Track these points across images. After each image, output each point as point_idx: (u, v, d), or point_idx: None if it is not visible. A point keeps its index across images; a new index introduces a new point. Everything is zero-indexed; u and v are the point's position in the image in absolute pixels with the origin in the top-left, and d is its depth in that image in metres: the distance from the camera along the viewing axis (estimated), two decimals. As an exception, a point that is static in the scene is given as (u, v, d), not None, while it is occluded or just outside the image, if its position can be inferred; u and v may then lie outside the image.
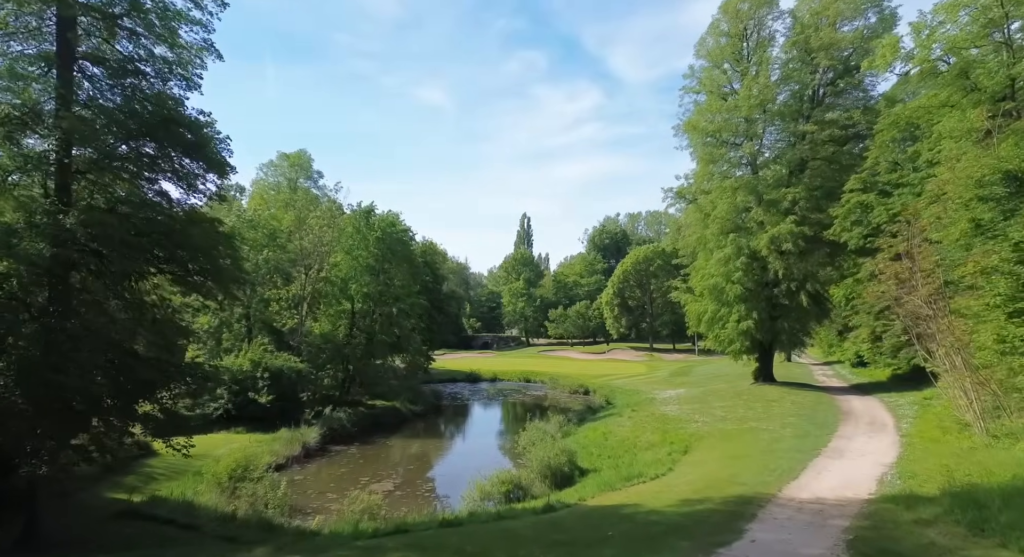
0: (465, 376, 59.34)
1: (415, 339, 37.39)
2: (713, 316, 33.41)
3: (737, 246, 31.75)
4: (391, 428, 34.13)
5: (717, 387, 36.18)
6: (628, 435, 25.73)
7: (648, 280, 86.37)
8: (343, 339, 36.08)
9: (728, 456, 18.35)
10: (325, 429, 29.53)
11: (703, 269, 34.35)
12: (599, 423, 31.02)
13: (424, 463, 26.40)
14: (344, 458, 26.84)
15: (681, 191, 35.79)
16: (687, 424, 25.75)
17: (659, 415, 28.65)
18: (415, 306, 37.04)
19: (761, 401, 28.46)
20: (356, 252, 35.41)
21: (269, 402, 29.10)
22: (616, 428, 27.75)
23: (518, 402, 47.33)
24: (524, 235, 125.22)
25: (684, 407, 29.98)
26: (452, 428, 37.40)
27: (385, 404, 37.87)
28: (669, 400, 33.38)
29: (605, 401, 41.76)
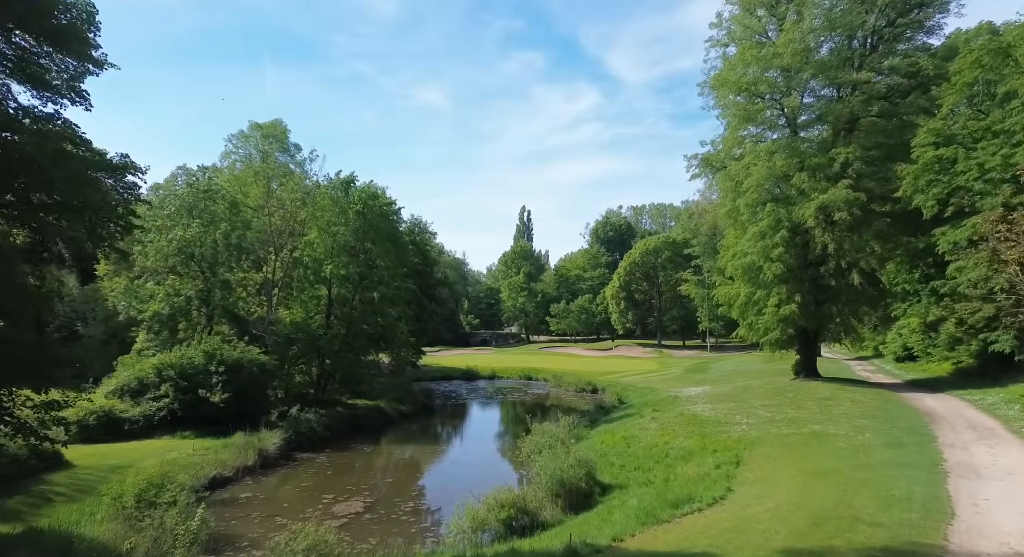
0: (461, 374, 54.63)
1: (401, 329, 32.66)
2: (748, 301, 28.70)
3: (776, 218, 27.05)
4: (372, 432, 29.42)
5: (751, 383, 31.48)
6: (656, 440, 21.04)
7: (656, 273, 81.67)
8: (318, 329, 31.36)
9: (807, 472, 13.65)
10: (290, 433, 24.82)
11: (734, 246, 29.65)
12: (616, 425, 26.34)
13: (407, 475, 21.68)
14: (310, 468, 22.12)
15: (708, 158, 31.04)
16: (728, 427, 21.06)
17: (689, 416, 23.96)
18: (401, 292, 32.30)
19: (811, 399, 23.78)
20: (333, 228, 30.70)
21: (223, 401, 24.36)
22: (639, 432, 23.06)
23: (519, 402, 42.65)
24: (524, 228, 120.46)
25: (718, 407, 25.28)
26: (444, 431, 32.68)
27: (368, 404, 33.15)
28: (696, 399, 28.67)
29: (617, 400, 37.10)
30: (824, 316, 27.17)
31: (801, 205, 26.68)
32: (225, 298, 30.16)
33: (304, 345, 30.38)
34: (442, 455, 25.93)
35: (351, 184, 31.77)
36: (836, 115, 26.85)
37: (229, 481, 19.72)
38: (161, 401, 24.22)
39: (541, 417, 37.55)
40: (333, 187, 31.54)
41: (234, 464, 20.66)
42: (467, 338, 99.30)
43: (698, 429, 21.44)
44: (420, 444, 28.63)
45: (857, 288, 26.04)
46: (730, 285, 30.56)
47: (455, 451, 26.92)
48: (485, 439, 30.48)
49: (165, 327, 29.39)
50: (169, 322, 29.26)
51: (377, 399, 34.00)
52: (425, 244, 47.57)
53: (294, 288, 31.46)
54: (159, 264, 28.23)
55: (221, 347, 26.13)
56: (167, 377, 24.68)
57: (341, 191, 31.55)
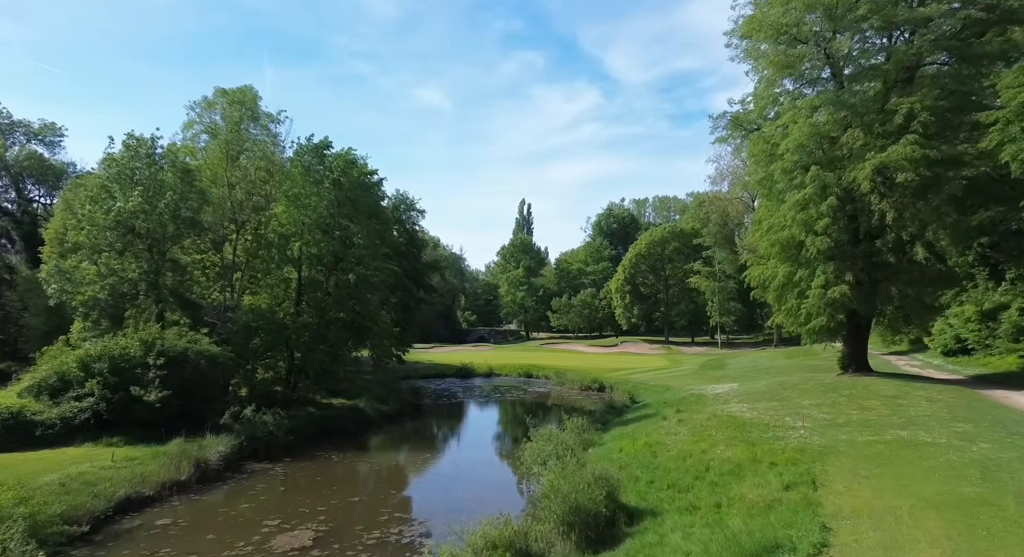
0: (455, 371, 50.36)
1: (383, 319, 28.38)
2: (786, 281, 24.48)
3: (822, 184, 22.80)
4: (347, 436, 25.21)
5: (787, 380, 27.25)
6: (689, 448, 16.83)
7: (663, 265, 77.45)
8: (286, 318, 27.12)
9: (936, 503, 9.42)
10: (242, 439, 20.60)
11: (768, 219, 25.42)
12: (633, 428, 22.14)
13: (379, 492, 17.42)
14: (259, 483, 17.88)
15: (738, 118, 26.79)
16: (779, 432, 16.84)
17: (725, 418, 19.73)
18: (383, 274, 28.03)
19: (874, 398, 19.56)
20: (304, 200, 26.44)
21: (161, 400, 20.14)
22: (665, 437, 18.83)
23: (518, 401, 38.45)
24: (523, 222, 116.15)
25: (757, 406, 21.06)
26: (433, 435, 28.44)
27: (345, 404, 28.95)
28: (726, 397, 24.45)
29: (629, 399, 32.88)
30: (882, 298, 22.89)
31: (852, 167, 22.45)
32: (177, 282, 25.90)
33: (269, 336, 26.12)
34: (427, 464, 21.69)
35: (325, 150, 27.50)
36: (896, 59, 22.61)
37: (148, 502, 15.49)
38: (85, 401, 20.00)
39: (543, 418, 33.32)
40: (304, 153, 27.25)
41: (160, 479, 16.42)
42: (464, 335, 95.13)
43: (741, 434, 17.21)
44: (402, 451, 24.42)
45: (922, 264, 21.84)
46: (763, 264, 26.33)
47: (443, 459, 22.68)
48: (480, 444, 26.25)
49: (105, 315, 25.09)
50: (110, 309, 24.97)
51: (357, 398, 29.82)
52: (412, 223, 43.08)
53: (259, 271, 27.17)
54: (94, 240, 23.95)
55: (162, 336, 21.90)
56: (95, 372, 20.46)
57: (314, 158, 27.29)
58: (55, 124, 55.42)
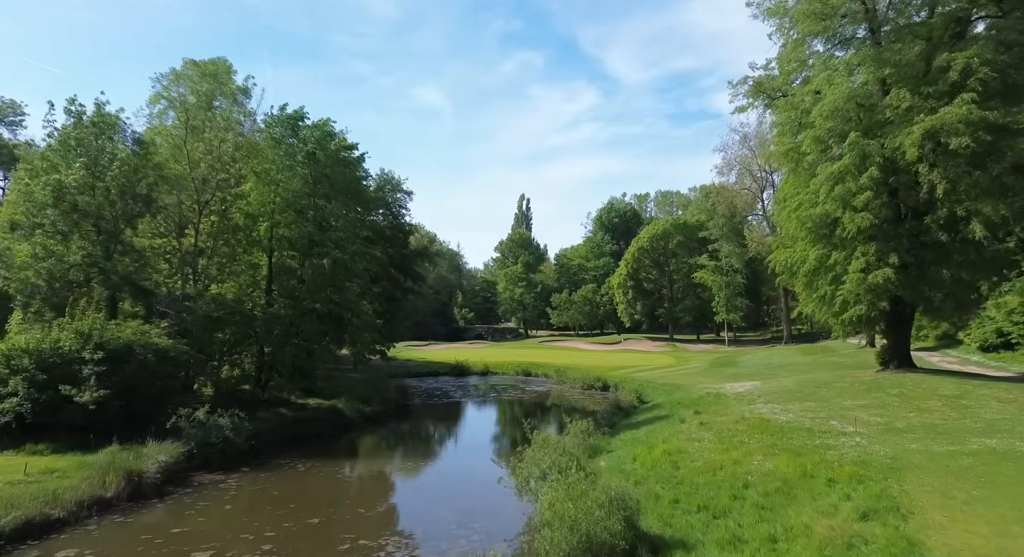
0: (449, 369, 47.45)
1: (364, 310, 25.43)
2: (819, 266, 21.62)
3: (861, 153, 19.97)
4: (321, 441, 22.33)
5: (818, 377, 24.42)
6: (718, 458, 13.96)
7: (667, 259, 74.55)
8: (257, 308, 24.24)
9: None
10: (191, 446, 17.69)
11: (797, 196, 22.56)
12: (646, 432, 19.29)
13: (344, 511, 14.49)
14: (204, 500, 14.98)
15: (761, 83, 23.89)
16: (827, 439, 14.00)
17: (756, 421, 16.87)
18: (365, 261, 25.13)
19: (933, 398, 16.75)
20: (274, 176, 23.54)
21: (98, 401, 17.24)
22: (686, 443, 15.96)
23: (516, 400, 35.60)
24: (522, 217, 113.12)
25: (791, 408, 18.19)
26: (418, 439, 25.54)
27: (322, 404, 26.03)
28: (751, 397, 21.58)
29: (636, 399, 29.98)
30: (931, 283, 19.99)
31: (897, 133, 19.59)
32: (131, 268, 23.00)
33: (234, 329, 23.21)
34: (408, 474, 18.80)
35: (299, 121, 24.58)
36: (944, 13, 19.76)
37: (57, 527, 12.56)
38: (6, 401, 17.06)
39: (543, 419, 30.46)
40: (275, 123, 24.34)
41: (78, 497, 13.49)
42: (460, 333, 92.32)
43: (780, 441, 14.35)
44: (381, 458, 21.52)
45: (979, 244, 18.98)
46: (790, 247, 23.46)
47: (428, 468, 19.79)
48: (471, 449, 23.36)
49: (48, 304, 22.20)
50: (52, 297, 22.07)
51: (337, 398, 26.92)
52: (399, 205, 39.89)
53: (225, 257, 24.24)
54: (32, 219, 21.05)
55: (102, 326, 18.99)
56: (18, 368, 17.53)
57: (286, 129, 24.39)
58: (15, 102, 52.46)
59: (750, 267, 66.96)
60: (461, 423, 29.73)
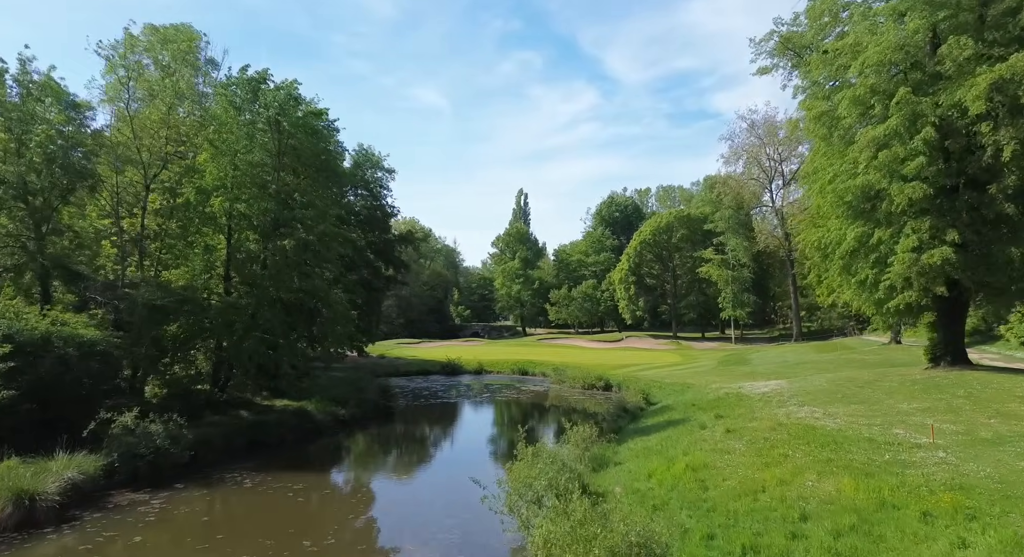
0: (441, 368, 44.45)
1: (336, 300, 22.41)
2: (858, 246, 18.63)
3: (912, 112, 17.01)
4: (282, 448, 19.37)
5: (856, 375, 21.46)
6: (758, 477, 10.99)
7: (671, 254, 71.61)
8: (214, 297, 21.25)
9: None
10: (113, 458, 14.70)
11: (831, 167, 19.58)
12: (660, 440, 16.31)
13: (283, 545, 11.39)
14: (114, 527, 11.96)
15: (788, 39, 20.90)
16: (897, 452, 11.03)
17: (796, 427, 13.89)
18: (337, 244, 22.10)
19: (1012, 400, 13.80)
20: (232, 145, 20.53)
21: (3, 403, 14.22)
22: (712, 455, 12.98)
23: (512, 401, 32.65)
24: (520, 212, 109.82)
25: (835, 411, 15.21)
26: (395, 447, 22.50)
27: (290, 407, 23.05)
28: (780, 398, 18.59)
29: (643, 400, 27.03)
30: (994, 263, 17.00)
31: (953, 88, 16.63)
32: (66, 250, 20.01)
33: (187, 320, 20.19)
34: (374, 491, 15.79)
35: (262, 84, 21.56)
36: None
37: None
38: None
39: (540, 421, 27.47)
40: (233, 86, 21.30)
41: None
42: (456, 330, 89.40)
43: (836, 455, 11.36)
44: (346, 469, 18.44)
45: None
46: (822, 226, 20.47)
47: (399, 483, 16.78)
48: (455, 459, 20.39)
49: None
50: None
51: (308, 399, 23.94)
52: (379, 184, 36.53)
53: (175, 238, 21.17)
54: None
55: (16, 314, 15.99)
56: None
57: (246, 92, 21.37)
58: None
59: (758, 261, 64.10)
60: (447, 427, 26.75)
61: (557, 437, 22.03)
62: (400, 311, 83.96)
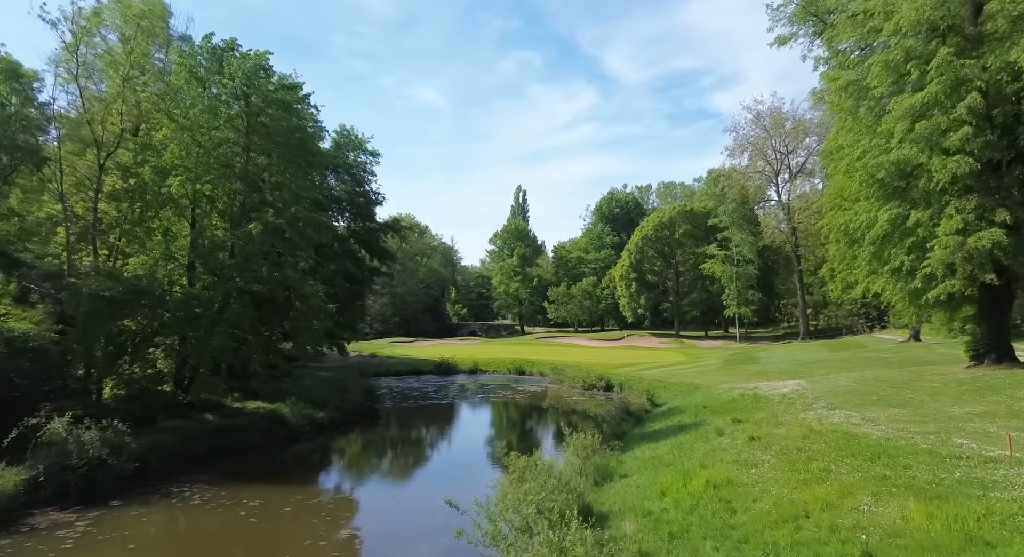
0: (434, 367, 42.44)
1: (310, 292, 20.37)
2: (891, 229, 16.61)
3: (955, 76, 15.02)
4: (249, 456, 17.42)
5: (885, 374, 19.51)
6: (796, 497, 8.97)
7: (673, 250, 69.58)
8: (177, 288, 19.22)
9: None
10: (39, 471, 12.70)
11: (859, 143, 17.57)
12: (672, 448, 14.31)
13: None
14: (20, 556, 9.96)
15: (811, 2, 18.85)
16: (968, 468, 9.02)
17: (832, 435, 11.88)
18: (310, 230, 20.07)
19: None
20: (195, 120, 18.50)
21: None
22: (735, 468, 10.96)
23: (508, 402, 30.68)
24: (519, 209, 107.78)
25: (874, 416, 13.19)
26: (371, 456, 20.40)
27: (263, 409, 21.07)
28: (805, 400, 16.58)
29: (648, 401, 25.04)
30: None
31: (1001, 50, 14.63)
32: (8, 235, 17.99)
33: (144, 314, 18.17)
34: (338, 511, 13.74)
35: (229, 52, 19.52)
36: None
37: None
38: None
39: (539, 423, 25.49)
40: (196, 55, 19.25)
41: None
42: (453, 329, 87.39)
43: (893, 472, 9.34)
44: (312, 483, 16.29)
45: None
46: (848, 209, 18.46)
47: (368, 501, 14.74)
48: (439, 469, 18.37)
49: None
50: None
51: (284, 401, 21.94)
52: (363, 169, 34.27)
53: (133, 223, 19.12)
54: None
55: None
56: None
57: (212, 64, 19.33)
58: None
59: (763, 257, 62.10)
60: (435, 431, 24.72)
61: (557, 440, 20.04)
62: (395, 309, 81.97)
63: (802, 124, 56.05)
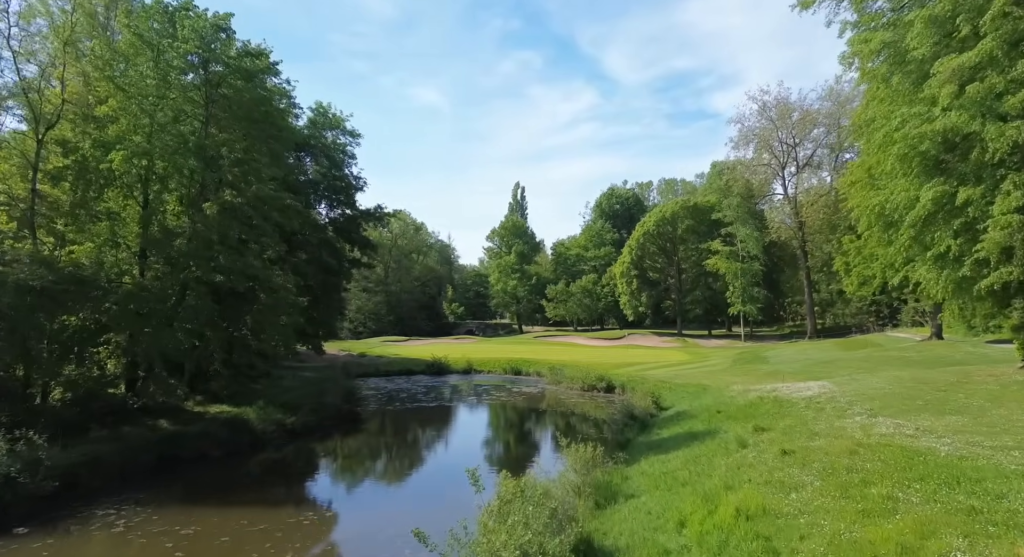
0: (426, 367, 40.34)
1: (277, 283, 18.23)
2: (935, 209, 14.49)
3: (1012, 29, 12.94)
4: (203, 468, 15.33)
5: (927, 376, 17.43)
6: (852, 533, 6.81)
7: (675, 246, 67.46)
8: (127, 279, 17.09)
9: None
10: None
11: (897, 113, 15.43)
12: (683, 461, 12.22)
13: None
14: None
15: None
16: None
17: (885, 449, 9.76)
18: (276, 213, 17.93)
19: None
20: (143, 88, 16.37)
21: None
22: (767, 491, 8.80)
23: (504, 404, 28.61)
24: (517, 205, 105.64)
25: (930, 425, 11.07)
26: (345, 470, 18.19)
27: (225, 414, 18.96)
28: (836, 405, 14.47)
29: (653, 404, 22.94)
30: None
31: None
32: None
33: (87, 308, 16.03)
34: (297, 545, 11.61)
35: (183, 12, 17.36)
36: None
37: None
38: None
39: (533, 429, 23.42)
40: (147, 17, 17.10)
41: None
42: (450, 328, 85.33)
43: (981, 501, 7.21)
44: (272, 501, 13.94)
45: None
46: (883, 187, 16.34)
47: (341, 530, 12.61)
48: (423, 487, 16.24)
49: None
50: None
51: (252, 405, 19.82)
52: (341, 150, 31.70)
53: (74, 205, 16.95)
54: None
55: None
56: None
57: (164, 26, 17.18)
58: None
59: (769, 254, 59.99)
60: (419, 439, 22.59)
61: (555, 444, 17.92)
62: (389, 308, 79.91)
63: (810, 115, 53.93)
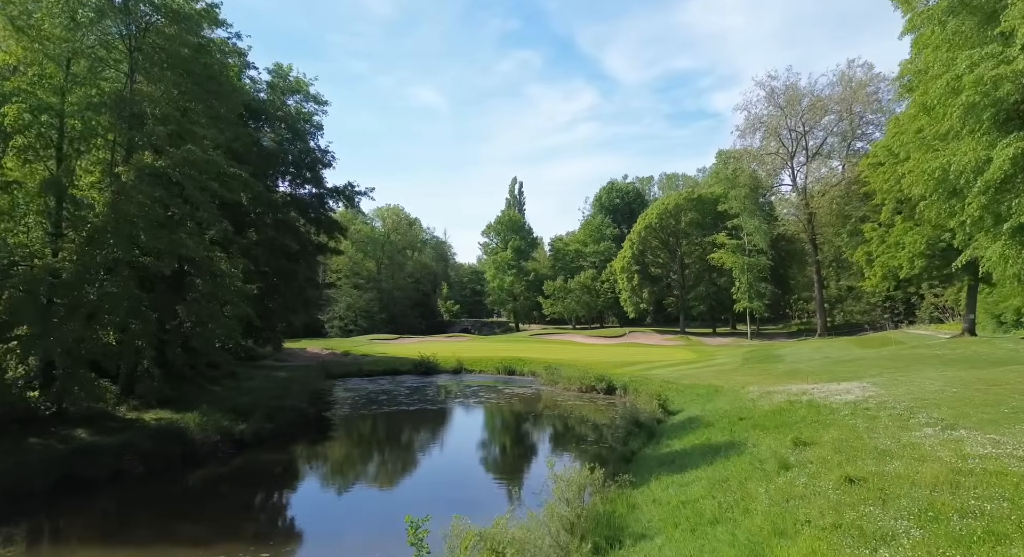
0: (413, 367, 37.59)
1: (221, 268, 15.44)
2: (1013, 170, 11.72)
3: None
4: (119, 488, 12.56)
5: (992, 376, 14.67)
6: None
7: (678, 240, 64.70)
8: (37, 263, 14.32)
9: None
10: None
11: (957, 61, 12.67)
12: (703, 487, 9.46)
13: None
14: None
15: None
16: None
17: (999, 479, 7.00)
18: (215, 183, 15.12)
19: None
20: (48, 29, 13.60)
21: None
22: (837, 540, 5.96)
23: (495, 407, 25.92)
24: (514, 201, 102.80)
25: None
26: (299, 490, 15.40)
27: (165, 421, 16.20)
28: (889, 412, 11.72)
29: (660, 408, 20.22)
30: None
31: None
32: None
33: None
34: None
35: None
36: None
37: None
38: None
39: (524, 439, 20.65)
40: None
41: None
42: (444, 326, 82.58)
43: None
44: (189, 537, 11.15)
45: None
46: (941, 148, 13.59)
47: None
48: (388, 515, 13.47)
49: None
50: None
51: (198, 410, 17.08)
52: (303, 119, 28.19)
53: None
54: None
55: None
56: None
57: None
58: None
59: (776, 248, 57.31)
60: (392, 450, 19.83)
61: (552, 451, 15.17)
62: (381, 305, 77.16)
63: (820, 101, 51.23)
